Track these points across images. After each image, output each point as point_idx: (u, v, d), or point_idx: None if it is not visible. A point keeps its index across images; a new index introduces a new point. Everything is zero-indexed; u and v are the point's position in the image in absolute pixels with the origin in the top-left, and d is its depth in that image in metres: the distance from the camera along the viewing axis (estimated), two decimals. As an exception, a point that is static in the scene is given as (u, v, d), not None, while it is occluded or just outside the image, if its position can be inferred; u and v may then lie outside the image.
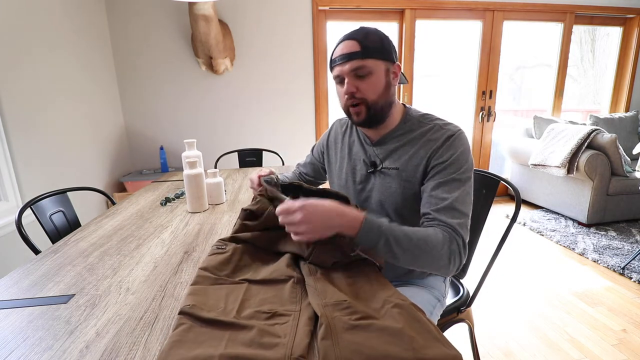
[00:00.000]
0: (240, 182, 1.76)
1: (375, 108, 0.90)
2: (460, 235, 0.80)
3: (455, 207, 0.82)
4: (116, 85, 2.85)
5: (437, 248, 0.77)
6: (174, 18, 2.79)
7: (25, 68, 1.88)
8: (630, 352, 1.49)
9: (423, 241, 0.77)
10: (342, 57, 0.88)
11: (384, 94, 0.90)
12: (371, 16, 3.12)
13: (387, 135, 0.96)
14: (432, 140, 0.89)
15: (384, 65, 0.89)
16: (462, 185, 0.84)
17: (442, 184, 0.85)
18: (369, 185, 0.99)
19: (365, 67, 0.87)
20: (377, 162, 0.97)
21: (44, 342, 0.61)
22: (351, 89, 0.89)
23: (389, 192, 0.94)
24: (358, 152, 1.03)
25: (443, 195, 0.83)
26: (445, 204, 0.82)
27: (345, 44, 0.88)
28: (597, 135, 2.68)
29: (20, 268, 0.90)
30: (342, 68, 0.89)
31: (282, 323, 0.62)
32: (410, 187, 0.91)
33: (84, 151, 2.38)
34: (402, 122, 0.96)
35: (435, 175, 0.86)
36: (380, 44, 0.88)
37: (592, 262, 2.26)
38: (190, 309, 0.62)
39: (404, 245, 0.76)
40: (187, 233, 1.11)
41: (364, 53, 0.86)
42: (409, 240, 0.77)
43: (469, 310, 1.17)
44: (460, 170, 0.85)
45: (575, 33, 3.58)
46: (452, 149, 0.87)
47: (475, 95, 3.42)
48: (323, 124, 3.21)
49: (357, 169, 1.02)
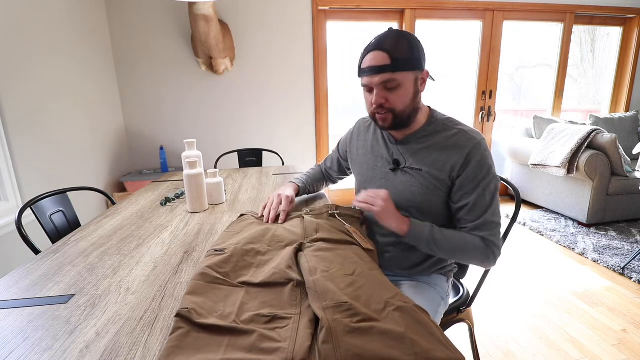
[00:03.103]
0: (240, 182, 1.76)
1: (402, 116, 0.93)
2: (496, 246, 0.91)
3: (490, 220, 0.91)
4: (116, 85, 2.85)
5: (474, 253, 0.91)
6: (174, 18, 2.79)
7: (25, 68, 1.88)
8: (630, 352, 1.49)
9: (462, 244, 0.91)
10: (371, 70, 0.89)
11: (412, 103, 0.93)
12: (371, 16, 3.12)
13: (411, 135, 0.98)
14: (459, 148, 0.92)
15: (413, 75, 0.91)
16: (493, 197, 0.91)
17: (478, 200, 0.90)
18: (388, 182, 1.01)
19: (394, 80, 0.88)
20: (401, 161, 0.99)
21: (44, 342, 0.61)
22: (380, 101, 0.91)
23: (409, 191, 0.97)
24: (381, 149, 1.05)
25: (477, 212, 0.91)
26: (481, 220, 0.91)
27: (375, 55, 0.88)
28: (597, 135, 2.68)
29: (20, 268, 0.90)
30: (371, 79, 0.90)
31: (282, 327, 0.61)
32: (432, 188, 0.94)
33: (84, 151, 2.38)
34: (427, 124, 0.98)
35: (469, 193, 0.91)
36: (410, 54, 0.88)
37: (592, 262, 2.26)
38: (188, 312, 0.61)
39: (446, 249, 0.92)
40: (187, 233, 1.11)
41: (394, 67, 0.87)
42: (450, 243, 0.91)
43: (469, 310, 1.17)
44: (490, 181, 0.91)
45: (575, 33, 3.58)
46: (483, 159, 0.91)
47: (475, 95, 3.42)
48: (323, 124, 3.21)
49: (379, 166, 1.04)
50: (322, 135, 3.23)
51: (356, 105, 3.53)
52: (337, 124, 3.32)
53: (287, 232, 0.96)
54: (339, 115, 3.36)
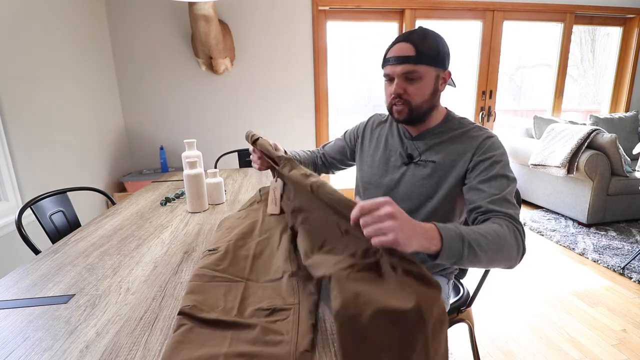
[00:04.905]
0: (240, 182, 1.76)
1: (418, 111, 0.94)
2: (519, 223, 0.79)
3: (508, 199, 0.83)
4: (116, 85, 2.85)
5: (507, 239, 0.74)
6: (174, 18, 2.79)
7: (25, 68, 1.88)
8: (630, 352, 1.49)
9: (495, 235, 0.72)
10: (395, 59, 0.91)
11: (430, 99, 0.94)
12: (371, 16, 3.12)
13: (427, 131, 1.00)
14: (474, 138, 0.93)
15: (435, 72, 0.92)
16: (511, 182, 0.86)
17: (492, 178, 0.86)
18: (398, 175, 1.02)
19: (416, 72, 0.90)
20: (415, 155, 1.00)
21: (44, 342, 0.61)
22: (399, 91, 0.92)
23: (421, 184, 0.97)
24: (395, 144, 1.06)
25: (493, 190, 0.84)
26: (499, 196, 0.82)
27: (400, 46, 0.91)
28: (597, 135, 2.68)
29: (20, 268, 0.90)
30: (394, 69, 0.92)
31: (283, 319, 0.62)
32: (444, 180, 0.95)
33: (84, 151, 2.38)
34: (444, 121, 1.00)
35: (484, 170, 0.88)
36: (436, 51, 0.90)
37: (592, 262, 2.26)
38: (190, 309, 0.62)
39: (483, 245, 0.70)
40: (187, 233, 1.11)
41: (418, 58, 0.88)
42: (485, 238, 0.70)
43: (469, 310, 1.17)
44: (507, 168, 0.88)
45: (575, 33, 3.58)
46: (496, 148, 0.90)
47: (475, 95, 3.42)
48: (323, 124, 3.21)
49: (392, 160, 1.05)
50: (322, 135, 3.23)
51: (356, 105, 3.52)
52: (337, 124, 3.32)
53: (272, 220, 1.02)
54: (339, 115, 3.36)
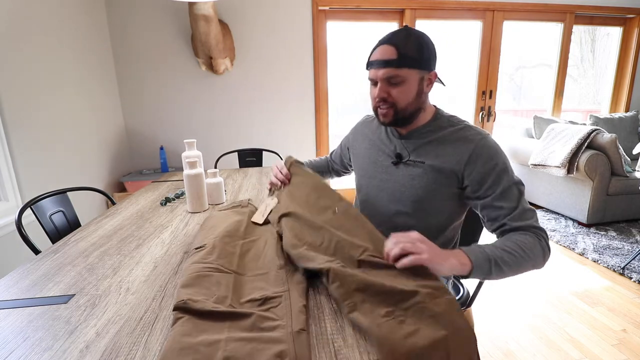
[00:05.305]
0: (240, 182, 1.76)
1: (403, 113, 0.93)
2: (542, 230, 0.85)
3: (525, 208, 0.86)
4: (116, 85, 2.85)
5: (534, 250, 0.81)
6: (174, 18, 2.79)
7: (25, 68, 1.88)
8: (630, 352, 1.49)
9: (521, 250, 0.80)
10: (377, 63, 0.90)
11: (414, 102, 0.93)
12: (371, 16, 3.12)
13: (416, 130, 0.99)
14: (466, 140, 0.91)
15: (419, 75, 0.90)
16: (520, 187, 0.88)
17: (505, 191, 0.87)
18: (387, 175, 1.01)
19: (398, 76, 0.89)
20: (404, 155, 0.99)
21: (44, 342, 0.61)
22: (382, 95, 0.92)
23: (411, 184, 0.96)
24: (384, 143, 1.05)
25: (510, 204, 0.86)
26: (518, 210, 0.85)
27: (383, 49, 0.89)
28: (597, 135, 2.68)
29: (20, 268, 0.90)
30: (376, 73, 0.91)
31: (276, 305, 0.65)
32: (435, 183, 0.93)
33: (84, 151, 2.38)
34: (432, 119, 0.98)
35: (492, 185, 0.88)
36: (419, 53, 0.88)
37: (592, 262, 2.26)
38: (184, 303, 0.63)
39: (508, 261, 0.78)
40: (187, 233, 1.11)
41: (400, 62, 0.87)
42: (509, 254, 0.79)
43: (469, 310, 1.16)
44: (511, 173, 0.89)
45: (575, 33, 3.58)
46: (494, 152, 0.89)
47: (475, 95, 3.42)
48: (323, 124, 3.21)
49: (380, 160, 1.04)
50: (322, 135, 3.23)
51: (356, 105, 3.52)
52: (337, 124, 3.32)
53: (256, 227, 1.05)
54: (339, 115, 3.36)
